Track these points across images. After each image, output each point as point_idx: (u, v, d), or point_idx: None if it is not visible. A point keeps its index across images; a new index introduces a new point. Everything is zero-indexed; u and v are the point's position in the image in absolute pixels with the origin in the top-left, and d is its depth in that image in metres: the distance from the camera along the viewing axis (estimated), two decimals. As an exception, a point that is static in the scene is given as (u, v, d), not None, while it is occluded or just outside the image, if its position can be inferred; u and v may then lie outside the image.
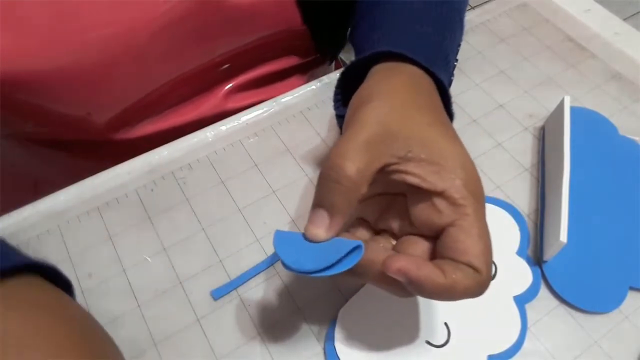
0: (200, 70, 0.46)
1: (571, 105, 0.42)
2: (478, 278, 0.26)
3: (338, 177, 0.26)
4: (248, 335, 0.35)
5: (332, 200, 0.26)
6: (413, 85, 0.31)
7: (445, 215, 0.26)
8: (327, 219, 0.27)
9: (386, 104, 0.29)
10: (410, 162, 0.27)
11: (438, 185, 0.27)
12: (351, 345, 0.34)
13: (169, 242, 0.39)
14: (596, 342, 0.35)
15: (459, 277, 0.25)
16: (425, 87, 0.32)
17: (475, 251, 0.26)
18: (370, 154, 0.27)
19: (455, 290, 0.25)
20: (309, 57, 0.53)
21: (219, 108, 0.50)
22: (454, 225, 0.26)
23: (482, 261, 0.26)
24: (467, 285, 0.25)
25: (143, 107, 0.46)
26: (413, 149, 0.27)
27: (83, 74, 0.39)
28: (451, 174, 0.27)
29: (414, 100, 0.29)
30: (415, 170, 0.27)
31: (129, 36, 0.38)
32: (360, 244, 0.26)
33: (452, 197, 0.26)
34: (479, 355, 0.34)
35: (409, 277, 0.25)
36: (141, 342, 0.35)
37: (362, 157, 0.26)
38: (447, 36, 0.37)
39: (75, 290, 0.30)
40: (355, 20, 0.42)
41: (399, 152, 0.27)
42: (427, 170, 0.27)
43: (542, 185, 0.42)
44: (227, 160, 0.44)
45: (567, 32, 0.53)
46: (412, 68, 0.32)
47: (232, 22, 0.42)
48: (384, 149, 0.27)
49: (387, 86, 0.30)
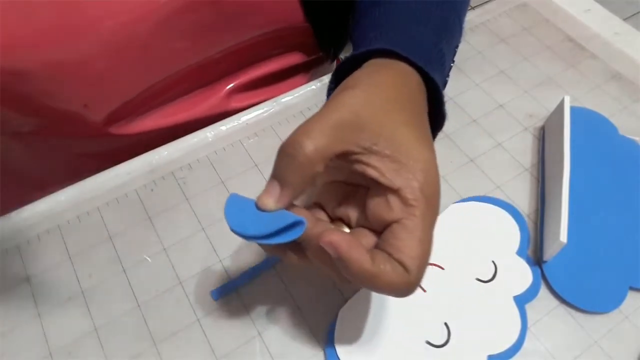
0: (200, 65, 0.46)
1: (571, 105, 0.42)
2: (405, 278, 0.26)
3: (295, 153, 0.27)
4: (248, 335, 0.35)
5: (285, 173, 0.27)
6: (398, 82, 0.31)
7: (395, 212, 0.27)
8: (278, 191, 0.27)
9: (364, 95, 0.29)
10: (374, 155, 0.27)
11: (395, 182, 0.27)
12: (351, 345, 0.34)
13: (169, 242, 0.39)
14: (596, 342, 0.35)
15: (386, 269, 0.26)
16: (411, 86, 0.32)
17: (411, 252, 0.26)
18: (333, 137, 0.27)
19: (378, 280, 0.26)
20: (312, 55, 0.53)
21: (222, 107, 0.49)
22: (399, 222, 0.27)
23: (414, 264, 0.26)
24: (392, 280, 0.26)
25: (142, 101, 0.46)
26: (379, 143, 0.27)
27: (82, 66, 0.38)
28: (410, 174, 0.27)
29: (395, 97, 0.30)
30: (377, 164, 0.27)
31: (129, 28, 0.38)
32: (303, 220, 0.27)
33: (405, 196, 0.27)
34: (479, 355, 0.34)
35: (338, 253, 0.25)
36: (141, 342, 0.35)
37: (323, 138, 0.27)
38: (445, 37, 0.37)
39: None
40: (355, 19, 0.42)
41: (364, 142, 0.27)
42: (388, 166, 0.27)
43: (542, 185, 0.42)
44: (227, 160, 0.44)
45: (567, 32, 0.53)
46: (403, 66, 0.32)
47: (233, 16, 0.42)
48: (349, 136, 0.27)
49: (370, 79, 0.30)
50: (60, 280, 0.37)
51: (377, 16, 0.37)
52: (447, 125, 0.45)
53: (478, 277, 0.37)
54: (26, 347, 0.35)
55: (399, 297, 0.27)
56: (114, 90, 0.43)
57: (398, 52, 0.32)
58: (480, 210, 0.40)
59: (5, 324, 0.35)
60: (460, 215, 0.40)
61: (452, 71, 0.49)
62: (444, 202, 0.41)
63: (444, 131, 0.45)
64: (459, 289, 0.36)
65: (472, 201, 0.41)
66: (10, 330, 0.35)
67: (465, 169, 0.43)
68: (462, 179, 0.42)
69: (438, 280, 0.36)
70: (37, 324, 0.35)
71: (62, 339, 0.35)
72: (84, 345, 0.35)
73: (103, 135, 0.46)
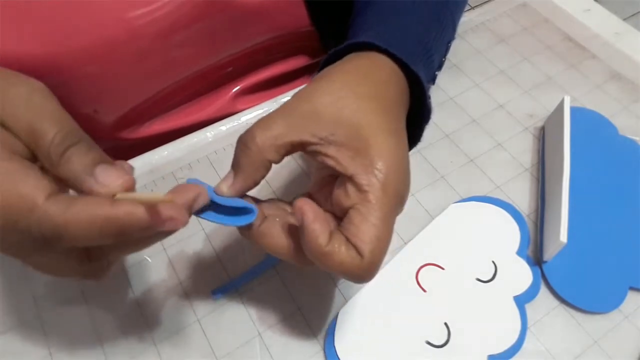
0: (207, 70, 0.46)
1: (571, 105, 0.42)
2: (358, 261, 0.26)
3: (247, 142, 0.28)
4: (248, 335, 0.35)
5: (238, 161, 0.29)
6: (370, 71, 0.31)
7: (351, 199, 0.27)
8: (232, 178, 0.29)
9: (327, 84, 0.29)
10: (332, 145, 0.28)
11: (349, 169, 0.27)
12: (351, 345, 0.34)
13: (169, 242, 0.39)
14: (596, 342, 0.35)
15: (340, 250, 0.26)
16: (383, 76, 0.31)
17: (364, 237, 0.26)
18: (287, 127, 0.28)
19: (330, 259, 0.26)
20: (317, 57, 0.53)
21: (228, 110, 0.50)
22: (354, 208, 0.27)
23: (368, 248, 0.26)
24: (344, 261, 0.26)
25: (150, 107, 0.46)
26: (336, 133, 0.28)
27: (90, 71, 0.39)
28: (366, 161, 0.27)
29: (362, 85, 0.30)
30: (333, 154, 0.28)
31: (139, 35, 0.38)
32: (253, 208, 0.28)
33: (359, 182, 0.27)
34: (479, 355, 0.34)
35: (302, 220, 0.26)
36: (141, 342, 0.35)
37: (276, 128, 0.28)
38: (434, 30, 0.37)
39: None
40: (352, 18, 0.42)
41: (321, 132, 0.28)
42: (344, 154, 0.28)
43: (542, 185, 0.42)
44: (227, 160, 0.43)
45: (567, 32, 0.53)
46: (380, 57, 0.32)
47: (240, 22, 0.43)
48: (304, 126, 0.28)
49: (339, 69, 0.31)
50: (60, 280, 0.37)
51: (369, 14, 0.38)
52: (447, 125, 0.46)
53: (478, 277, 0.37)
54: (26, 347, 0.35)
55: (354, 282, 0.27)
56: (123, 95, 0.43)
57: (378, 44, 0.32)
58: (480, 210, 0.40)
59: (5, 324, 0.35)
60: (460, 215, 0.40)
61: (452, 71, 0.50)
62: (444, 202, 0.41)
63: (444, 131, 0.45)
64: (459, 289, 0.36)
65: (472, 201, 0.41)
66: (10, 330, 0.35)
67: (465, 169, 0.43)
68: (462, 179, 0.42)
69: (438, 280, 0.37)
70: (37, 324, 0.35)
71: (62, 339, 0.35)
72: (84, 345, 0.35)
73: (111, 139, 0.46)
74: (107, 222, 0.23)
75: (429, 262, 0.37)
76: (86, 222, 0.23)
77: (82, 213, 0.23)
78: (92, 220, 0.23)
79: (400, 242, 0.39)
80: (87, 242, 0.24)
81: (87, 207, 0.23)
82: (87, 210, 0.23)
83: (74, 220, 0.23)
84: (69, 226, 0.23)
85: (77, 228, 0.23)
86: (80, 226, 0.23)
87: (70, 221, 0.23)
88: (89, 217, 0.23)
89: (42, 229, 0.23)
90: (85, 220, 0.23)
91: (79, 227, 0.23)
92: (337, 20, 0.48)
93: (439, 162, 0.43)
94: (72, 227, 0.23)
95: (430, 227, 0.39)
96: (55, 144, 0.24)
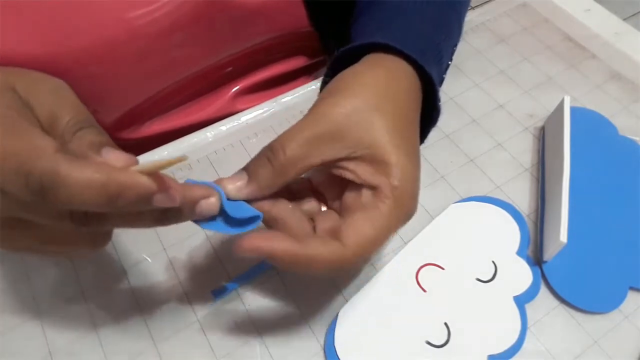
0: (207, 70, 0.46)
1: (571, 105, 0.42)
2: (340, 251, 0.27)
3: (272, 158, 0.28)
4: (248, 336, 0.35)
5: (258, 172, 0.28)
6: (389, 81, 0.31)
7: (363, 204, 0.28)
8: (244, 182, 0.28)
9: (347, 102, 0.29)
10: (352, 161, 0.29)
11: (366, 182, 0.28)
12: (351, 345, 0.34)
13: (169, 242, 0.39)
14: (596, 342, 0.35)
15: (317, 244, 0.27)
16: (402, 85, 0.32)
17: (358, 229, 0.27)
18: (310, 149, 0.28)
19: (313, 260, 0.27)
20: (317, 58, 0.53)
21: (228, 110, 0.50)
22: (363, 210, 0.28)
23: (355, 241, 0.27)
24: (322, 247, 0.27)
25: (150, 107, 0.46)
26: (357, 150, 0.28)
27: (90, 71, 0.39)
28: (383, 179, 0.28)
29: (381, 99, 0.30)
30: (354, 168, 0.29)
31: (138, 36, 0.38)
32: (259, 215, 0.28)
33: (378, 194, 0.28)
34: (479, 355, 0.34)
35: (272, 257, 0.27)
36: (141, 342, 0.35)
37: (301, 150, 0.28)
38: (442, 34, 0.37)
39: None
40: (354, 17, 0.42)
41: (343, 152, 0.28)
42: (363, 169, 0.28)
43: (542, 185, 0.42)
44: (227, 160, 0.44)
45: (567, 32, 0.53)
46: (397, 62, 0.32)
47: (240, 22, 0.43)
48: (327, 148, 0.28)
49: (358, 80, 0.31)
50: (60, 280, 0.37)
51: (375, 13, 0.38)
52: (447, 125, 0.46)
53: (478, 277, 0.37)
54: (26, 347, 0.35)
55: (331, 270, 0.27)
56: (123, 95, 0.43)
57: (394, 45, 0.32)
58: (480, 210, 0.40)
59: (5, 323, 0.35)
60: (460, 215, 0.40)
61: (452, 71, 0.50)
62: (444, 202, 0.41)
63: (444, 131, 0.45)
64: (459, 289, 0.36)
65: (472, 201, 0.41)
66: (10, 330, 0.35)
67: (465, 169, 0.43)
68: (462, 179, 0.42)
69: (438, 280, 0.37)
70: (37, 324, 0.35)
71: (62, 339, 0.35)
72: (84, 345, 0.35)
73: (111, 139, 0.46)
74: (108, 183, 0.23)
75: (429, 262, 0.37)
76: (87, 179, 0.22)
77: (86, 169, 0.23)
78: (93, 178, 0.22)
79: (400, 242, 0.39)
80: (83, 200, 0.23)
81: (91, 166, 0.23)
82: (91, 167, 0.23)
83: (75, 174, 0.22)
84: (68, 179, 0.22)
85: (75, 182, 0.22)
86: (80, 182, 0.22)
87: (71, 175, 0.22)
88: (91, 173, 0.22)
89: (43, 178, 0.22)
90: (86, 178, 0.22)
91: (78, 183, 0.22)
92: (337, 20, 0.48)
93: (439, 162, 0.43)
94: (72, 181, 0.22)
95: (430, 227, 0.39)
96: (70, 125, 0.27)
